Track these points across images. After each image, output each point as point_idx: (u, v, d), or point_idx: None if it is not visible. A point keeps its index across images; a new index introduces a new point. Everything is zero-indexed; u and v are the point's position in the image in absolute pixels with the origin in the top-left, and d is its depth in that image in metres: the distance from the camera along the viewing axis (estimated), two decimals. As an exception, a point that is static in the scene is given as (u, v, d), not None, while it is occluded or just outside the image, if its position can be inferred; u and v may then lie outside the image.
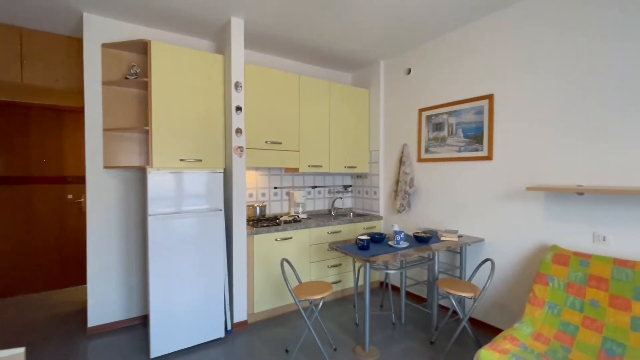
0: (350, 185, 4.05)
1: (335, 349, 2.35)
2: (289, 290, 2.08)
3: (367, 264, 2.20)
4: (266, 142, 2.99)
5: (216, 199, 2.49)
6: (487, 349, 1.66)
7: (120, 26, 2.67)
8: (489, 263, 2.47)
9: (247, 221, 3.06)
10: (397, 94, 3.45)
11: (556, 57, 2.19)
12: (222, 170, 2.51)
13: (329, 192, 3.89)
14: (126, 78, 2.54)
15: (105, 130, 2.56)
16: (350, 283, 3.36)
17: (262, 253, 2.78)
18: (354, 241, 2.52)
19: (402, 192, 3.24)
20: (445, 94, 2.94)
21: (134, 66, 2.58)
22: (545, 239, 2.26)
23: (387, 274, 2.94)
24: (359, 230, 3.38)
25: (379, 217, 3.56)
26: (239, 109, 2.66)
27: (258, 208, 3.16)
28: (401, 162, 3.32)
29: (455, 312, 2.73)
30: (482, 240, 2.61)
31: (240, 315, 2.69)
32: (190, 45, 2.99)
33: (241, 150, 2.67)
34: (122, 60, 2.65)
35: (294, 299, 2.10)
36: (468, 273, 2.70)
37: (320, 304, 2.18)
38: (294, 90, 3.17)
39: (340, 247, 2.34)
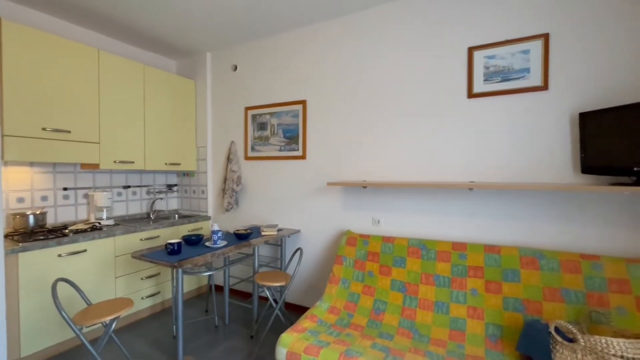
0: (175, 185, 3.67)
1: (140, 373, 2.04)
2: (64, 317, 1.63)
3: (179, 270, 2.01)
4: (44, 129, 2.29)
5: (-63, 207, 1.69)
6: (288, 331, 1.80)
7: None
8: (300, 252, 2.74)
9: (11, 235, 2.25)
10: (225, 90, 3.36)
11: (355, 72, 2.64)
12: (-51, 165, 1.73)
13: (148, 193, 3.39)
14: None
15: None
16: (171, 293, 3.03)
17: (35, 275, 2.10)
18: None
19: (230, 190, 3.18)
20: (268, 95, 3.07)
21: None
22: (344, 226, 2.70)
23: (210, 277, 2.81)
24: (182, 234, 3.09)
25: (207, 218, 3.38)
26: (-14, 79, 1.90)
27: (32, 216, 2.38)
28: (229, 159, 3.25)
29: (275, 301, 2.90)
30: (298, 231, 2.87)
31: (-7, 367, 1.94)
32: None
33: (-9, 138, 1.92)
34: None
35: (71, 326, 1.66)
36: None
37: (113, 325, 1.82)
38: (91, 68, 2.57)
39: (145, 255, 2.04)
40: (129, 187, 3.21)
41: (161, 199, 3.35)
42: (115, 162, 2.74)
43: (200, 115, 3.47)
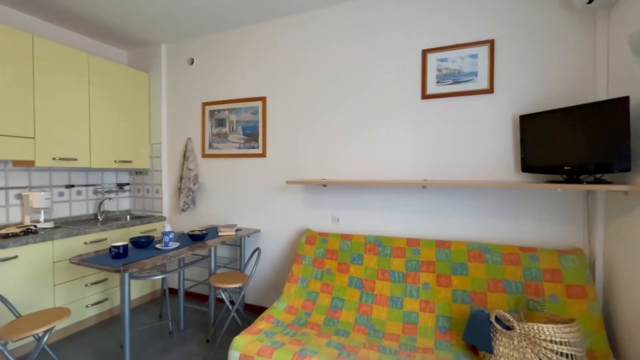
0: (127, 184, 3.44)
1: (81, 387, 1.89)
2: (-16, 332, 1.46)
3: (126, 274, 1.88)
4: (-36, 121, 2.04)
5: None
6: (242, 334, 1.76)
7: None
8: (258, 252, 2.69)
9: None
10: (181, 84, 3.20)
11: (315, 71, 2.63)
12: None
13: (95, 193, 3.15)
14: None
15: None
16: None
17: (-47, 286, 1.87)
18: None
19: (186, 189, 3.04)
20: (227, 91, 2.97)
21: None
22: (305, 224, 2.69)
23: (163, 280, 2.67)
24: (134, 235, 2.90)
25: (162, 218, 3.21)
26: None
27: (-50, 220, 2.11)
28: (185, 157, 3.11)
29: (232, 303, 2.82)
30: (258, 231, 2.82)
31: None
32: None
33: None
34: None
35: (-7, 343, 1.50)
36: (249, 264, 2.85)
37: (46, 338, 1.66)
38: (24, 55, 2.32)
39: (86, 259, 1.89)
40: (72, 186, 2.96)
41: (110, 199, 3.13)
42: (54, 159, 2.50)
43: (155, 110, 3.28)
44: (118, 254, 1.91)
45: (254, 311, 2.85)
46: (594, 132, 1.62)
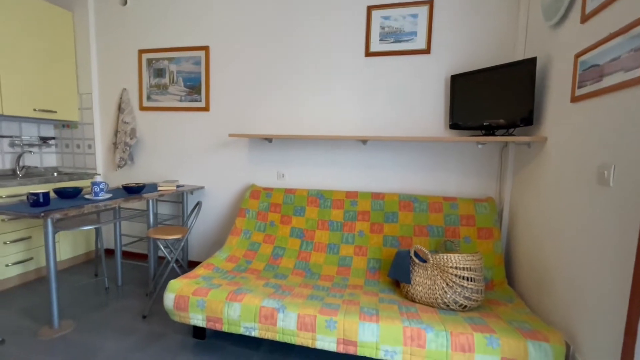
0: (53, 138, 3.11)
1: (1, 341, 1.78)
2: None
3: (48, 220, 1.76)
4: None
5: None
6: (178, 278, 1.76)
7: None
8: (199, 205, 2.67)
9: None
10: (113, 27, 2.89)
11: (262, 23, 2.52)
12: None
13: (12, 145, 2.81)
14: None
15: None
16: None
17: None
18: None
19: (122, 144, 2.84)
20: (166, 38, 2.75)
21: None
22: (249, 180, 2.69)
23: (98, 238, 2.53)
24: (62, 192, 2.68)
25: (95, 175, 2.98)
26: None
27: None
28: (120, 109, 2.88)
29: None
30: (202, 187, 2.76)
31: None
32: None
33: None
34: None
35: None
36: (191, 221, 2.80)
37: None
38: None
39: (-3, 207, 1.72)
40: (-19, 136, 2.61)
41: (31, 152, 2.82)
42: (-47, 100, 2.17)
43: (82, 55, 2.94)
44: (37, 202, 1.77)
45: (194, 267, 2.84)
46: (507, 90, 1.81)
